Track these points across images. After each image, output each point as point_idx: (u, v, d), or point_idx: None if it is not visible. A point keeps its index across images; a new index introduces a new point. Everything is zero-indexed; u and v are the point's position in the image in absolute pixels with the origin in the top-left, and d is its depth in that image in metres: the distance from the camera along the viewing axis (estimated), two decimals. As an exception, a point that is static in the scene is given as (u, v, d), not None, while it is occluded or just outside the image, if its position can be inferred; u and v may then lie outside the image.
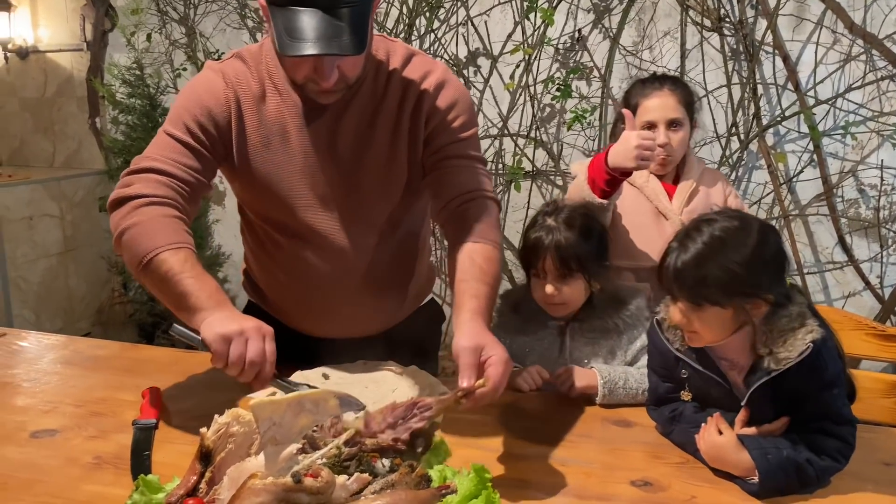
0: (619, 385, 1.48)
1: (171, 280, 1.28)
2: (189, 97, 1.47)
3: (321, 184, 1.51)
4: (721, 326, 1.22)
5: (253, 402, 0.96)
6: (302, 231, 1.54)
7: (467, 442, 1.32)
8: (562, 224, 1.58)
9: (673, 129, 1.95)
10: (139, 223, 1.34)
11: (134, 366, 1.69)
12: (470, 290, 1.31)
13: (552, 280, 1.58)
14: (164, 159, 1.41)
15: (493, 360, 1.16)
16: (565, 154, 3.58)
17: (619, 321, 1.58)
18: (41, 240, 4.15)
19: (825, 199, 3.28)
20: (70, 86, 4.46)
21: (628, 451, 1.30)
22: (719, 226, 1.20)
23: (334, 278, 1.58)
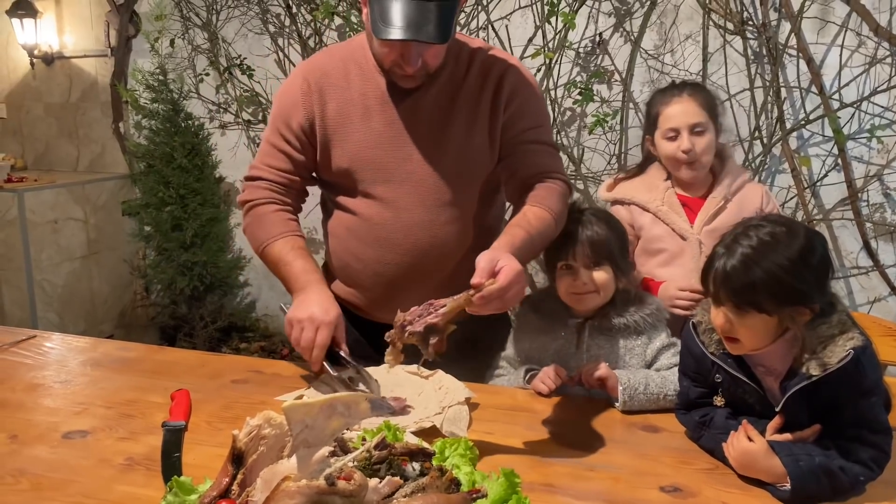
0: (640, 391, 1.47)
1: (277, 265, 1.62)
2: (279, 105, 1.69)
3: (402, 157, 1.62)
4: (765, 333, 1.21)
5: (285, 405, 0.97)
6: (377, 202, 1.64)
7: (495, 447, 1.32)
8: (591, 216, 1.62)
9: (696, 134, 1.94)
10: (251, 223, 1.68)
11: (161, 368, 1.71)
12: (508, 231, 1.46)
13: (584, 269, 1.59)
14: (263, 167, 1.69)
15: (505, 267, 1.26)
16: (586, 158, 3.57)
17: (640, 319, 1.58)
18: (66, 243, 4.20)
19: (850, 204, 3.26)
20: (94, 91, 4.52)
21: (656, 457, 1.29)
22: (767, 231, 1.19)
23: (407, 252, 1.65)
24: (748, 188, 2.03)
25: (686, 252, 1.96)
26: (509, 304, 1.30)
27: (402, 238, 1.64)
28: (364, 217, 1.65)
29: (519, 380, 1.61)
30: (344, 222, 1.70)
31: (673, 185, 2.02)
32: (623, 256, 1.63)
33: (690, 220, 1.99)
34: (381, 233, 1.64)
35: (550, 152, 1.66)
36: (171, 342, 4.40)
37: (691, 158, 1.94)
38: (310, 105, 1.64)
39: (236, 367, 1.71)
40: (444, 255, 1.66)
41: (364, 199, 1.65)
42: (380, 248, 1.65)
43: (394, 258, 1.65)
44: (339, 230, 1.72)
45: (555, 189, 1.59)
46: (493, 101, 1.62)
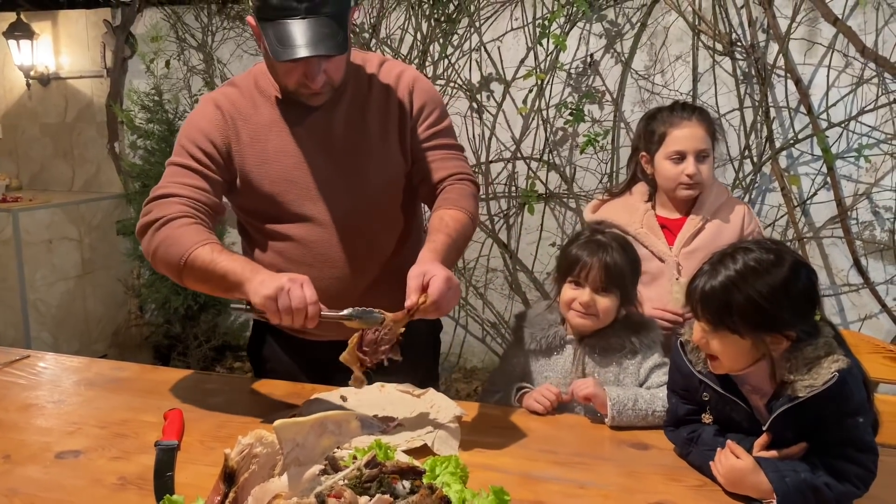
0: (629, 406, 1.48)
1: (209, 269, 1.46)
2: (188, 128, 1.64)
3: (326, 173, 1.64)
4: (739, 355, 1.23)
5: (276, 424, 0.98)
6: (308, 221, 1.64)
7: (484, 464, 1.33)
8: (612, 242, 1.64)
9: (701, 160, 1.96)
10: (164, 239, 1.52)
11: (155, 387, 1.71)
12: (431, 238, 1.52)
13: (592, 290, 1.60)
14: (173, 184, 1.59)
15: (433, 279, 1.35)
16: (578, 177, 3.61)
17: (636, 341, 1.60)
18: (60, 263, 4.21)
19: (839, 222, 3.28)
20: (90, 111, 4.54)
21: (645, 474, 1.31)
22: (754, 256, 1.21)
23: (340, 266, 1.66)
24: (729, 208, 2.05)
25: (665, 274, 1.98)
26: (446, 310, 1.39)
27: (340, 251, 1.66)
28: (298, 238, 1.65)
29: (510, 398, 1.62)
30: (276, 249, 1.68)
31: (654, 206, 2.04)
32: (633, 285, 1.65)
33: (670, 242, 2.01)
34: (319, 250, 1.66)
35: (456, 155, 1.72)
36: (165, 361, 4.39)
37: (694, 182, 1.96)
38: (225, 132, 1.62)
39: (229, 387, 1.72)
40: (383, 260, 1.71)
41: (295, 222, 1.65)
42: (320, 266, 1.66)
43: (334, 272, 1.67)
44: (270, 258, 1.68)
45: (466, 190, 1.67)
46: (400, 107, 1.67)
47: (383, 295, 1.69)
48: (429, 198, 1.71)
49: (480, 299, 3.88)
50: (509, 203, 3.75)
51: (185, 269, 1.49)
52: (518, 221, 3.76)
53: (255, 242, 1.73)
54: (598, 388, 1.51)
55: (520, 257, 3.77)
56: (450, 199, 1.64)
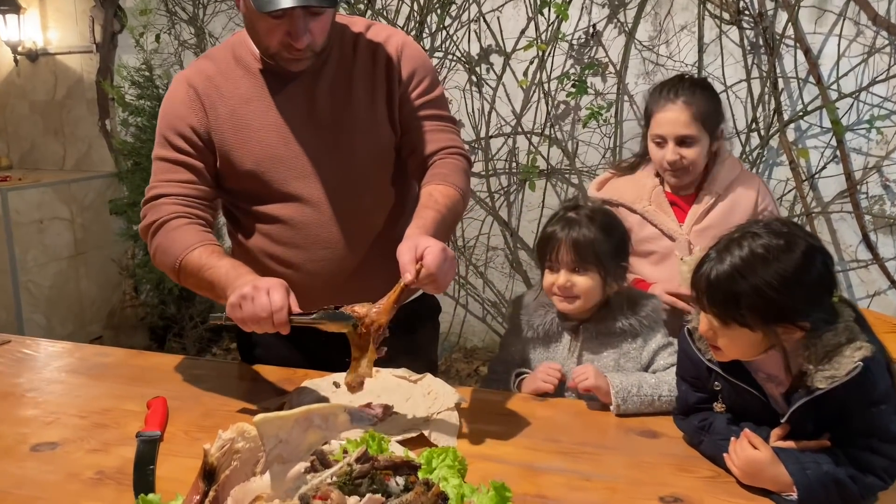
0: (633, 393, 1.41)
1: (200, 277, 1.43)
2: (165, 116, 1.57)
3: (311, 148, 1.55)
4: (748, 347, 1.15)
5: (257, 419, 0.90)
6: (295, 201, 1.55)
7: (484, 454, 1.26)
8: (583, 217, 1.55)
9: (685, 145, 1.87)
10: (159, 245, 1.50)
11: (140, 374, 1.64)
12: (419, 215, 1.43)
13: (566, 271, 1.53)
14: (161, 183, 1.54)
15: (428, 250, 1.25)
16: (580, 152, 3.51)
17: (635, 322, 1.52)
18: (52, 243, 4.12)
19: (848, 196, 3.20)
20: (80, 88, 4.43)
21: (655, 464, 1.23)
22: (762, 242, 1.11)
23: (332, 247, 1.58)
24: (742, 183, 1.96)
25: (674, 253, 1.90)
26: (444, 283, 1.28)
27: (330, 231, 1.57)
28: (286, 219, 1.56)
29: (510, 385, 1.54)
30: (264, 231, 1.59)
31: (662, 183, 1.96)
32: (616, 260, 1.56)
33: (681, 220, 1.93)
34: (309, 230, 1.57)
35: (447, 127, 1.62)
36: (161, 343, 4.34)
37: (675, 169, 1.88)
38: (200, 112, 1.54)
39: (218, 373, 1.65)
40: (377, 238, 1.62)
41: (282, 202, 1.56)
42: (310, 247, 1.57)
43: (325, 253, 1.58)
44: (258, 242, 1.60)
45: (457, 165, 1.58)
46: (388, 74, 1.58)
47: (377, 275, 1.61)
48: (418, 172, 1.61)
49: (481, 278, 3.81)
50: (510, 179, 3.66)
51: (181, 277, 1.47)
52: (519, 198, 3.67)
53: (241, 226, 1.64)
54: (598, 378, 1.44)
55: (521, 235, 3.69)
56: (440, 174, 1.54)
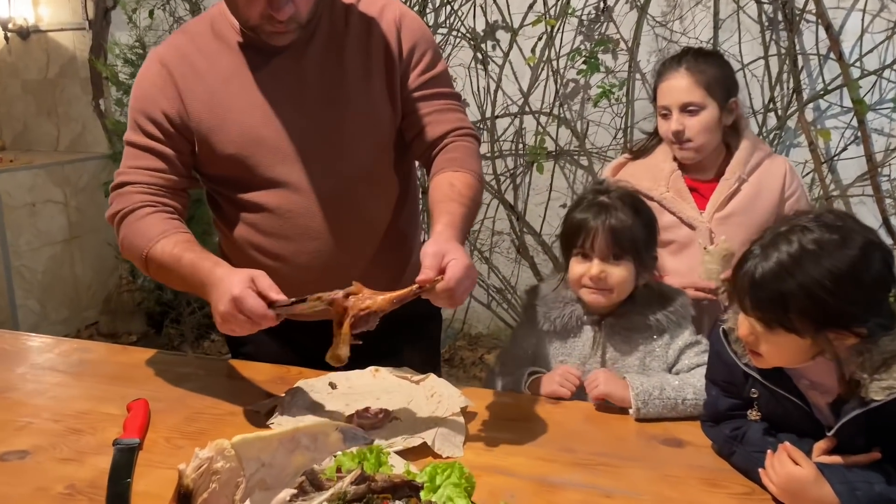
0: (655, 395, 1.30)
1: (166, 271, 1.35)
2: (135, 98, 1.45)
3: (299, 129, 1.42)
4: (794, 354, 1.03)
5: (235, 440, 0.79)
6: (282, 187, 1.43)
7: (493, 466, 1.15)
8: (616, 201, 1.42)
9: (689, 114, 1.76)
10: (125, 236, 1.41)
11: (123, 372, 1.53)
12: (445, 209, 1.33)
13: (600, 261, 1.41)
14: (129, 170, 1.43)
15: (453, 263, 1.16)
16: (591, 132, 3.38)
17: (663, 318, 1.40)
18: (45, 227, 4.01)
19: (869, 179, 3.06)
20: (73, 66, 4.30)
21: (682, 478, 1.12)
22: (813, 237, 0.99)
23: (323, 239, 1.46)
24: (768, 165, 1.84)
25: (695, 242, 1.78)
26: (459, 301, 1.19)
27: (322, 221, 1.44)
28: (272, 208, 1.44)
29: (520, 384, 1.43)
30: (249, 221, 1.47)
31: (680, 167, 1.84)
32: (648, 249, 1.44)
33: (701, 207, 1.81)
34: (298, 220, 1.44)
35: (454, 106, 1.51)
36: (159, 329, 4.23)
37: (681, 140, 1.76)
38: (173, 95, 1.41)
39: (205, 371, 1.53)
40: (375, 230, 1.50)
41: (267, 189, 1.43)
42: (300, 239, 1.45)
43: (316, 245, 1.46)
44: (244, 233, 1.48)
45: (470, 148, 1.48)
46: (386, 48, 1.45)
47: (374, 270, 1.50)
48: (424, 156, 1.50)
49: (486, 264, 3.69)
50: (516, 161, 3.53)
51: (150, 270, 1.38)
52: (526, 181, 3.54)
53: (225, 215, 1.52)
54: (609, 384, 1.33)
55: (527, 219, 3.57)
56: (455, 159, 1.43)
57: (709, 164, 1.84)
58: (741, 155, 1.82)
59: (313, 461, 0.84)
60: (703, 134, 1.77)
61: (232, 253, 1.54)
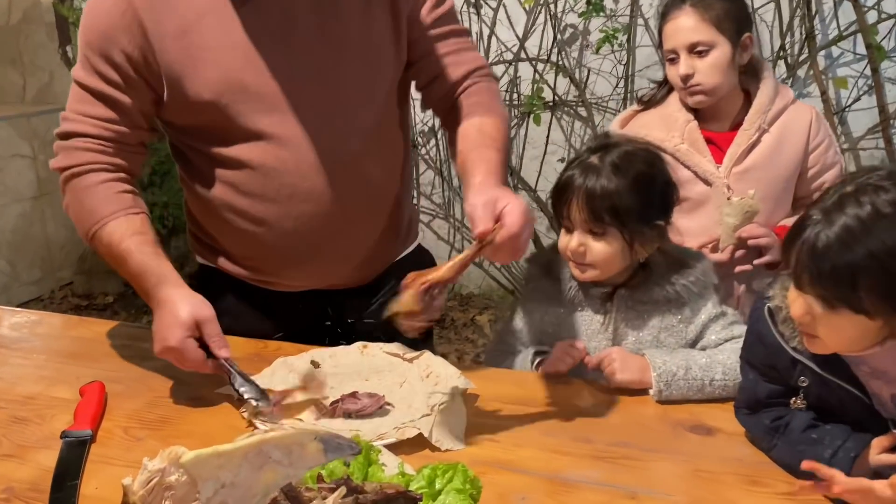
0: (679, 376, 1.15)
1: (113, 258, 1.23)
2: (90, 29, 1.22)
3: (279, 73, 1.22)
4: (858, 338, 0.86)
5: (185, 459, 0.63)
6: (266, 140, 1.24)
7: (499, 461, 1.00)
8: (607, 165, 1.23)
9: (698, 55, 1.59)
10: (70, 203, 1.26)
11: (78, 348, 1.36)
12: (480, 157, 1.21)
13: (580, 233, 1.25)
14: (77, 117, 1.24)
15: (509, 208, 1.04)
16: (591, 81, 3.19)
17: (681, 289, 1.24)
18: (12, 183, 3.79)
19: (881, 131, 2.92)
20: (37, 11, 4.02)
21: (716, 474, 0.97)
22: (889, 198, 0.81)
23: (313, 202, 1.27)
24: (791, 113, 1.67)
25: (711, 199, 1.63)
26: (522, 250, 1.08)
27: (312, 180, 1.26)
28: (255, 164, 1.25)
29: (526, 364, 1.28)
30: (226, 180, 1.28)
31: (697, 117, 1.67)
32: (648, 220, 1.24)
33: (718, 160, 1.65)
34: (284, 179, 1.25)
35: (468, 44, 1.38)
36: (137, 289, 4.06)
37: (694, 84, 1.60)
38: (136, 32, 1.19)
39: None
40: (372, 191, 1.33)
41: (249, 141, 1.24)
42: (286, 201, 1.27)
43: (305, 208, 1.28)
44: (219, 193, 1.29)
45: (493, 90, 1.37)
46: None
47: (368, 236, 1.34)
48: (442, 103, 1.35)
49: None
50: (511, 112, 3.34)
51: (95, 248, 1.24)
52: (521, 133, 3.37)
53: (196, 172, 1.32)
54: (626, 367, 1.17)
55: (522, 175, 3.40)
56: (480, 103, 1.30)
57: (725, 112, 1.68)
58: (761, 102, 1.66)
59: (287, 478, 0.68)
60: (714, 75, 1.60)
61: (204, 216, 1.36)
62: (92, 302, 3.97)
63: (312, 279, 1.35)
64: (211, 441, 1.04)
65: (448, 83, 1.33)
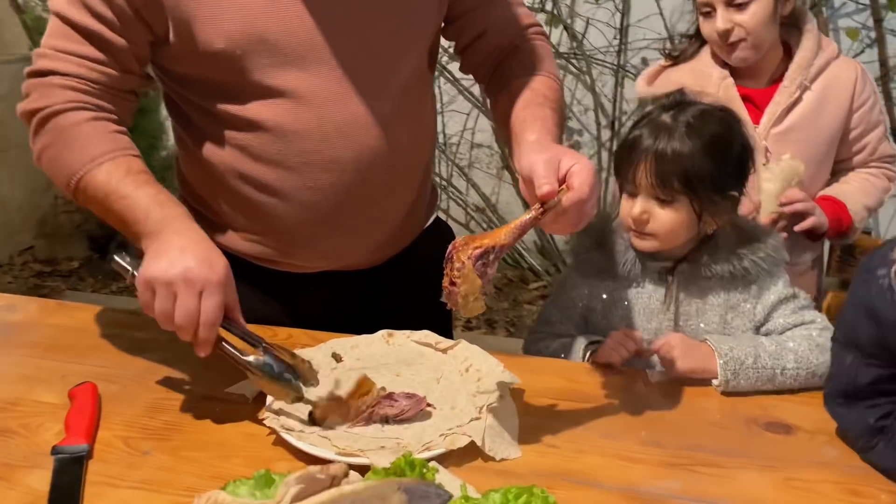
0: (748, 364, 1.04)
1: (104, 206, 1.03)
2: None
3: (303, 24, 1.05)
4: None
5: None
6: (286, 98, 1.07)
7: (564, 470, 0.89)
8: (681, 125, 1.11)
9: (737, 7, 1.47)
10: (48, 146, 1.06)
11: (61, 339, 1.19)
12: (534, 114, 1.07)
13: (644, 199, 1.13)
14: (60, 55, 1.04)
15: (576, 168, 0.91)
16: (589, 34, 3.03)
17: (750, 265, 1.13)
18: (-41, 141, 3.54)
19: (881, 85, 2.83)
20: (-19, -50, 3.71)
21: (811, 483, 0.87)
22: None
23: (335, 171, 1.11)
24: (835, 69, 1.56)
25: None
26: (588, 216, 0.93)
27: (336, 145, 1.10)
28: (270, 125, 1.08)
29: (576, 355, 1.15)
30: (236, 142, 1.11)
31: (733, 73, 1.55)
32: (723, 189, 1.14)
33: (755, 120, 1.53)
34: (305, 144, 1.09)
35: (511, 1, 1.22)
36: (103, 253, 3.85)
37: (729, 43, 1.48)
38: None
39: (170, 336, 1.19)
40: (400, 162, 1.16)
41: (264, 98, 1.08)
42: (303, 169, 1.11)
43: (328, 177, 1.11)
44: (227, 156, 1.12)
45: (547, 49, 1.22)
46: None
47: (393, 209, 1.19)
48: (487, 64, 1.20)
49: (464, 179, 3.39)
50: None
51: (78, 197, 1.05)
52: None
53: (196, 131, 1.14)
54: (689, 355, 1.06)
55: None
56: (532, 64, 1.15)
57: (763, 67, 1.56)
58: (803, 56, 1.53)
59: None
60: (757, 30, 1.48)
61: (202, 184, 1.20)
62: (56, 268, 3.76)
63: (327, 260, 1.20)
64: (230, 453, 0.91)
65: (494, 42, 1.19)
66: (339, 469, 0.63)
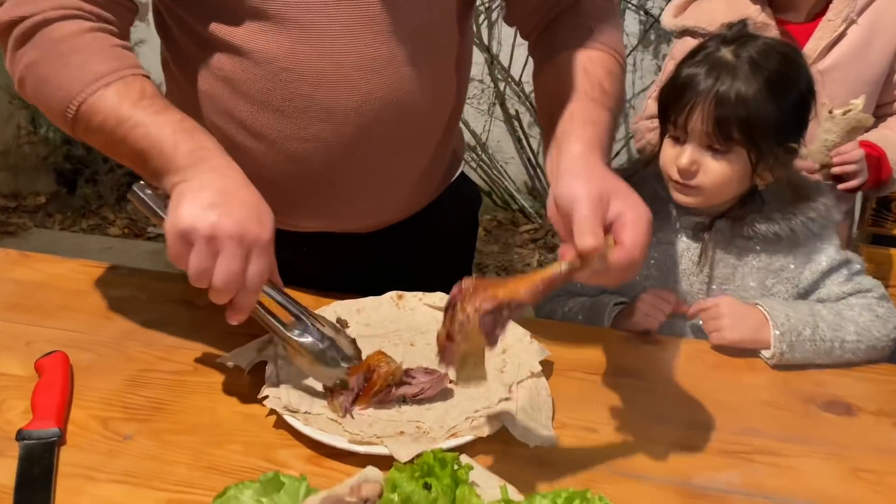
0: (805, 336, 0.94)
1: (113, 137, 0.83)
2: None
3: None
4: None
5: None
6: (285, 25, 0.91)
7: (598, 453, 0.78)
8: (744, 63, 0.98)
9: None
10: (34, 64, 0.85)
11: (25, 297, 1.05)
12: (585, 115, 0.86)
13: (694, 147, 1.00)
14: None
15: (630, 217, 0.73)
16: None
17: (798, 226, 1.02)
18: (-85, 66, 3.28)
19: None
20: None
21: (883, 476, 0.78)
22: None
23: (337, 120, 0.96)
24: (885, 2, 1.43)
25: None
26: (632, 278, 0.76)
27: (336, 91, 0.94)
28: (261, 57, 0.92)
29: (601, 317, 1.04)
30: (223, 74, 0.95)
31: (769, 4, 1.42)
32: (785, 137, 1.01)
33: None
34: (299, 86, 0.94)
35: None
36: (71, 187, 3.66)
37: None
38: None
39: (150, 294, 1.07)
40: (409, 119, 1.00)
41: (258, 20, 0.91)
42: (299, 114, 0.95)
43: (326, 128, 0.96)
44: (213, 88, 0.97)
45: (609, 9, 1.01)
46: None
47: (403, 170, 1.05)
48: (536, 17, 1.01)
49: (455, 115, 3.23)
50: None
51: (77, 129, 0.85)
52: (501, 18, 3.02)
53: (181, 56, 0.99)
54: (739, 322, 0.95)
55: (501, 60, 3.10)
56: (590, 29, 0.95)
57: None
58: None
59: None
60: None
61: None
62: (21, 203, 3.57)
63: (318, 220, 1.06)
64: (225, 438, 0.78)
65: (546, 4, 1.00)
66: (373, 491, 0.52)
